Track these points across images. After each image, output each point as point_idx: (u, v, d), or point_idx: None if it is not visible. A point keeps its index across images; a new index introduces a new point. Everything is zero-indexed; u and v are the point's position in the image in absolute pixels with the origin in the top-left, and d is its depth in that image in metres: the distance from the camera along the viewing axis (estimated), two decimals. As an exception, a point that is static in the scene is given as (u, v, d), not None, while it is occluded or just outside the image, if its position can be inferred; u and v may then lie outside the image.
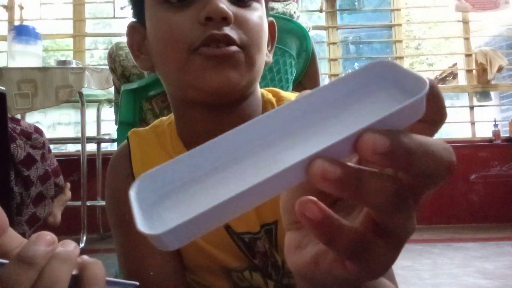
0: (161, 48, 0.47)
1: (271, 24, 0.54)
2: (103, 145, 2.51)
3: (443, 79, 5.00)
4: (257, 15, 0.47)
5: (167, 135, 0.54)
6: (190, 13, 0.44)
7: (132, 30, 0.53)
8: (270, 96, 0.56)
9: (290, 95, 0.56)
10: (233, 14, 0.44)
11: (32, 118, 2.65)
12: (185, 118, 0.52)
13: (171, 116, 0.56)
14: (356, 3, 3.92)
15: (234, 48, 0.44)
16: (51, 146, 2.38)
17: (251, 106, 0.51)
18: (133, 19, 0.54)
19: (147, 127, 0.58)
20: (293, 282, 0.49)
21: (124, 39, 2.46)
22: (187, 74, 0.45)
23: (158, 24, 0.47)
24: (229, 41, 0.44)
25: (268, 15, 0.53)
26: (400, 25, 2.95)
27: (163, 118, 0.58)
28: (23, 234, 1.53)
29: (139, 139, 0.56)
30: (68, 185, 1.84)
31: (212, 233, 0.50)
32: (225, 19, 0.43)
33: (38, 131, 1.55)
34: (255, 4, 0.48)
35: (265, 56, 0.49)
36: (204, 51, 0.44)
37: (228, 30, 0.44)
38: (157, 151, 0.54)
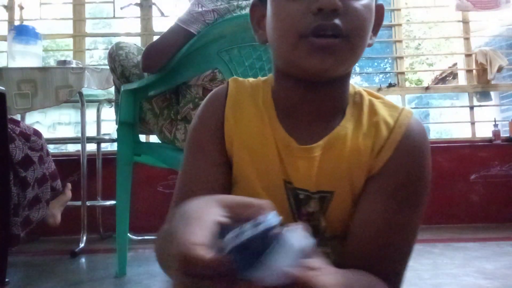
0: (275, 30, 0.54)
1: (380, 8, 0.58)
2: (103, 145, 2.51)
3: (443, 79, 5.00)
4: (365, 4, 0.52)
5: (260, 91, 0.61)
6: (305, 3, 0.50)
7: (254, 7, 0.61)
8: (361, 89, 0.61)
9: (377, 94, 0.62)
10: (344, 5, 0.50)
11: (32, 118, 2.65)
12: (282, 85, 0.59)
13: (267, 77, 0.64)
14: (356, 3, 3.91)
15: (337, 40, 0.50)
16: (51, 146, 2.38)
17: (342, 86, 0.58)
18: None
19: (243, 79, 0.65)
20: (327, 251, 0.56)
21: (124, 39, 2.46)
22: (294, 56, 0.52)
23: (276, 10, 0.54)
24: (336, 30, 0.50)
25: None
26: (400, 25, 2.95)
27: (261, 78, 0.65)
28: (17, 236, 1.53)
29: (237, 86, 0.62)
30: (69, 185, 1.83)
31: (271, 183, 0.55)
32: (335, 10, 0.49)
33: (37, 133, 1.55)
34: None
35: (368, 40, 0.54)
36: (312, 41, 0.50)
37: (337, 20, 0.50)
38: (248, 101, 0.60)
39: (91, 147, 2.38)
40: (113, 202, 2.13)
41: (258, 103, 0.60)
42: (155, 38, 2.78)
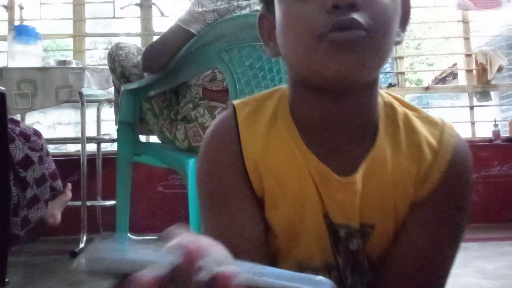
0: (288, 36, 0.48)
1: (404, 1, 0.50)
2: (103, 145, 2.51)
3: (443, 79, 5.00)
4: None
5: (278, 112, 0.53)
6: (317, 1, 0.44)
7: (262, 18, 0.56)
8: (391, 99, 0.54)
9: (411, 104, 0.55)
10: None
11: (32, 118, 2.65)
12: (301, 100, 0.52)
13: (278, 94, 0.56)
14: (356, 3, 3.91)
15: (359, 32, 0.43)
16: (51, 146, 2.38)
17: (371, 95, 0.50)
18: (262, 11, 0.56)
19: (250, 98, 0.56)
20: None
21: (124, 39, 2.46)
22: (312, 61, 0.46)
23: (286, 13, 0.48)
24: (356, 25, 0.43)
25: None
26: (400, 25, 2.95)
27: (272, 93, 0.57)
28: (17, 236, 1.53)
29: (246, 110, 0.54)
30: (69, 185, 1.83)
31: (309, 220, 0.51)
32: (352, 5, 0.43)
33: (37, 133, 1.55)
34: None
35: (394, 37, 0.47)
36: (330, 37, 0.44)
37: (355, 15, 0.43)
38: (265, 127, 0.52)
39: (91, 147, 2.38)
40: (113, 202, 2.13)
41: (278, 127, 0.52)
42: (155, 38, 2.78)
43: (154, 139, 1.88)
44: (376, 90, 0.51)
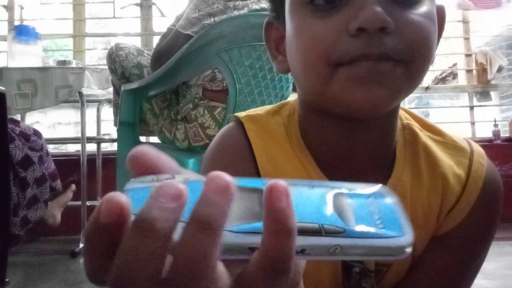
0: (300, 58, 0.40)
1: (440, 11, 0.43)
2: (103, 145, 2.51)
3: (443, 79, 5.00)
4: (426, 13, 0.38)
5: (291, 133, 0.48)
6: (338, 20, 0.37)
7: (269, 25, 0.47)
8: (411, 121, 0.49)
9: (434, 126, 0.50)
10: (394, 19, 0.35)
11: (32, 118, 2.65)
12: (313, 126, 0.46)
13: (287, 112, 0.49)
14: (356, 3, 3.90)
15: (389, 64, 0.36)
16: (51, 146, 2.38)
17: (392, 120, 0.44)
18: (271, 14, 0.47)
19: (256, 114, 0.49)
20: None
21: (124, 39, 2.46)
22: (329, 91, 0.39)
23: (299, 30, 0.40)
24: (388, 57, 0.36)
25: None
26: (400, 25, 2.95)
27: (280, 109, 0.50)
28: (17, 236, 1.54)
29: (258, 129, 0.47)
30: (73, 186, 1.83)
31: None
32: (383, 29, 0.35)
33: (37, 134, 1.56)
34: None
35: (431, 61, 0.40)
36: (352, 69, 0.36)
37: (387, 42, 0.35)
38: (280, 150, 0.46)
39: (91, 147, 2.38)
40: (113, 202, 2.12)
41: (288, 152, 0.46)
42: (155, 38, 2.79)
43: (154, 139, 1.88)
44: (398, 113, 0.45)
